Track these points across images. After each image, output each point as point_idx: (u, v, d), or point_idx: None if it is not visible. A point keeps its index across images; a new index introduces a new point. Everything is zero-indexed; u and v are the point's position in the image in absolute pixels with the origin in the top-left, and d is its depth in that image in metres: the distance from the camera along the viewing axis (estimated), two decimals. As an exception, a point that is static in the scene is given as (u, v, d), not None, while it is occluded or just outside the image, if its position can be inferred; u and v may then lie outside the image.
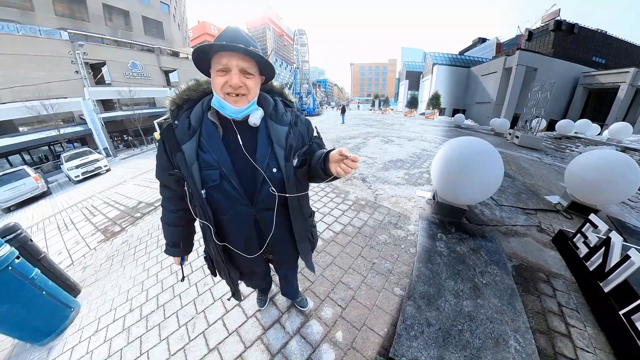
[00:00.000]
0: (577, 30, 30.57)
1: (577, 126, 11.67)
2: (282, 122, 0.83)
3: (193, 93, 0.82)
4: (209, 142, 0.76)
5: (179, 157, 0.75)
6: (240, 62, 0.68)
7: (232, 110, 0.73)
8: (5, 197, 7.40)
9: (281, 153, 0.80)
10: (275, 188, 0.81)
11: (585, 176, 2.71)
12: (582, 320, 1.58)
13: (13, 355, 1.73)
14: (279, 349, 1.42)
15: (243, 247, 0.91)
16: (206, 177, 0.77)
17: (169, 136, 0.78)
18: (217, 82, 0.70)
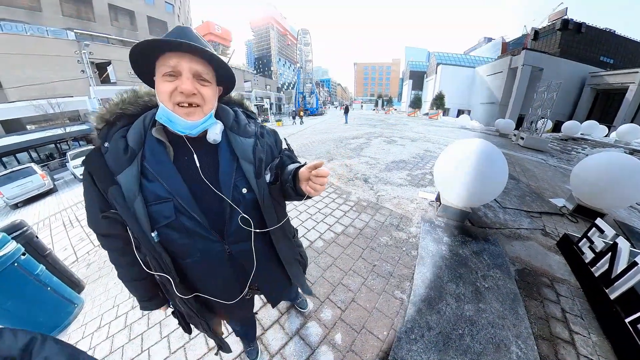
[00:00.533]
0: (584, 30, 30.04)
1: (583, 127, 11.50)
2: (246, 134, 0.71)
3: (130, 107, 0.65)
4: (156, 167, 0.60)
5: (114, 192, 0.57)
6: (193, 64, 0.56)
7: (185, 124, 0.58)
8: (13, 193, 7.55)
9: (250, 169, 0.67)
10: (249, 212, 0.68)
11: (592, 179, 2.67)
12: (586, 327, 1.55)
13: None
14: (277, 350, 1.42)
15: (220, 292, 0.75)
16: (156, 213, 0.59)
17: (97, 165, 0.59)
18: (163, 89, 0.56)
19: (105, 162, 0.58)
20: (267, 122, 21.48)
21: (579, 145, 9.00)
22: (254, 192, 0.68)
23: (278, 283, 0.91)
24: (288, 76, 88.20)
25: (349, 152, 6.32)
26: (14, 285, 1.65)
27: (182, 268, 0.69)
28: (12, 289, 1.64)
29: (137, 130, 0.61)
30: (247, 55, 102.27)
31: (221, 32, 60.25)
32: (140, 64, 0.60)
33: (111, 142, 0.59)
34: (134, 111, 0.66)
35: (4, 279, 1.59)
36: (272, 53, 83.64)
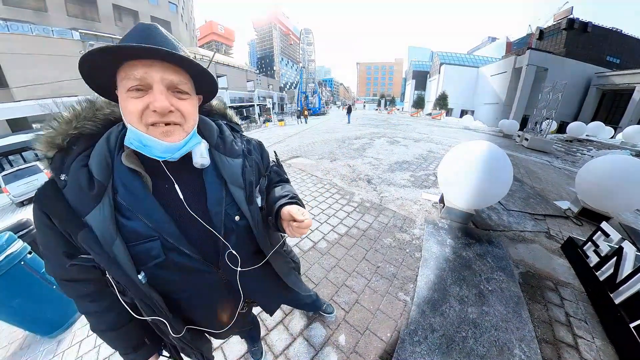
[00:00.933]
0: (590, 29, 29.64)
1: (589, 129, 11.38)
2: (234, 154, 0.63)
3: (87, 124, 0.52)
4: (132, 202, 0.49)
5: (84, 237, 0.47)
6: (166, 74, 0.45)
7: (163, 148, 0.48)
8: (20, 191, 7.67)
9: (240, 194, 0.60)
10: (242, 239, 0.63)
11: (598, 182, 2.65)
12: (590, 331, 1.54)
13: (24, 346, 1.79)
14: (282, 350, 1.44)
15: (215, 319, 0.70)
16: (141, 254, 0.50)
17: (55, 204, 0.47)
18: (131, 108, 0.44)
19: (65, 200, 0.47)
20: (269, 121, 21.53)
21: (584, 147, 8.90)
22: (246, 219, 0.62)
23: (275, 294, 0.87)
24: (290, 76, 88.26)
25: (352, 152, 6.32)
26: (21, 283, 1.67)
27: (174, 303, 0.60)
28: (18, 287, 1.66)
29: (101, 157, 0.49)
30: (249, 55, 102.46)
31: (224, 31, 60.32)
32: (96, 76, 0.47)
33: (70, 175, 0.47)
34: (93, 129, 0.53)
35: (10, 278, 1.61)
36: (274, 52, 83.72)
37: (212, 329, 0.71)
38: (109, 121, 0.56)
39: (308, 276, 1.97)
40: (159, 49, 0.42)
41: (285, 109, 39.07)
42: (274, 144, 8.15)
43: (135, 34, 0.46)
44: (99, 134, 0.52)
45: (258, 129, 18.03)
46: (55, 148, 0.49)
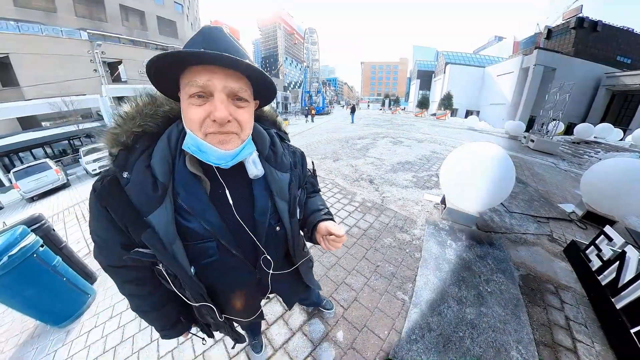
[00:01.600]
0: (600, 28, 28.99)
1: (597, 130, 11.16)
2: (283, 168, 0.65)
3: (149, 121, 0.53)
4: (192, 204, 0.52)
5: (148, 237, 0.49)
6: (228, 82, 0.45)
7: (218, 155, 0.49)
8: (30, 187, 7.87)
9: (284, 207, 0.64)
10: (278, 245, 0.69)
11: (603, 185, 2.61)
12: (590, 335, 1.53)
13: (35, 335, 1.87)
14: (281, 344, 1.47)
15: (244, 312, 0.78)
16: (197, 253, 0.55)
17: (118, 202, 0.49)
18: (192, 116, 0.45)
19: (127, 198, 0.48)
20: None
21: (592, 149, 8.74)
22: (285, 229, 0.67)
23: (295, 290, 0.97)
24: (295, 75, 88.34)
25: (354, 152, 6.33)
26: (33, 275, 1.75)
27: (213, 294, 0.67)
28: (31, 278, 1.74)
29: (163, 159, 0.50)
30: (254, 55, 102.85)
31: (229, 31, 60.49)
32: (162, 79, 0.48)
33: (134, 174, 0.48)
34: (154, 128, 0.54)
35: (24, 269, 1.68)
36: (279, 52, 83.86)
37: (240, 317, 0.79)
38: (168, 118, 0.57)
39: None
40: (223, 56, 0.40)
41: (289, 108, 39.15)
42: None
43: (200, 38, 0.45)
44: (160, 133, 0.54)
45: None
46: (120, 146, 0.50)
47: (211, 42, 0.44)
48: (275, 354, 1.43)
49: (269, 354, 1.43)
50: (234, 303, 0.75)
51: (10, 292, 1.67)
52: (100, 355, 1.58)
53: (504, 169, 2.30)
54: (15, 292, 1.68)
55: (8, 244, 1.64)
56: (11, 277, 1.63)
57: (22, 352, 1.75)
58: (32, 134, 13.27)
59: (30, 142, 13.22)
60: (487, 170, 2.28)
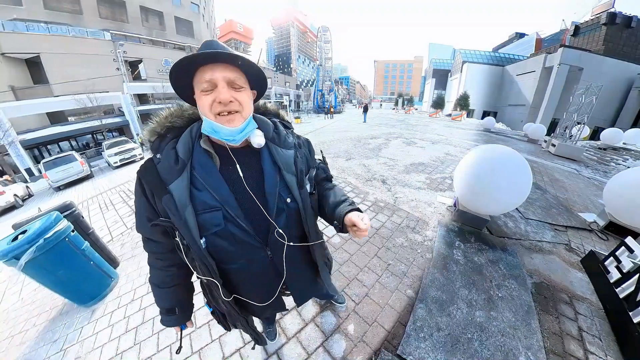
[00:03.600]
0: (635, 24, 27.01)
1: (627, 136, 10.43)
2: (287, 146, 0.75)
3: (177, 120, 0.70)
4: (204, 176, 0.63)
5: (166, 200, 0.60)
6: (225, 72, 0.58)
7: (228, 131, 0.61)
8: (57, 177, 8.42)
9: (292, 180, 0.72)
10: (291, 221, 0.74)
11: (629, 194, 2.49)
12: (603, 348, 1.50)
13: (64, 312, 2.06)
14: (294, 334, 1.55)
15: (257, 295, 0.80)
16: (205, 221, 0.63)
17: (150, 175, 0.63)
18: (203, 103, 0.59)
19: (157, 173, 0.62)
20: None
21: (620, 156, 8.21)
22: (296, 202, 0.73)
23: (308, 285, 0.94)
24: (307, 73, 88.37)
25: (367, 152, 6.33)
26: (65, 257, 1.92)
27: (225, 272, 0.72)
28: (63, 260, 1.91)
29: (185, 142, 0.64)
30: (267, 53, 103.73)
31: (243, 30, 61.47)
32: (180, 85, 0.64)
33: (163, 154, 0.63)
34: (181, 124, 0.70)
35: (57, 251, 1.86)
36: (292, 50, 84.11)
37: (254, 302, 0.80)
38: (192, 119, 0.72)
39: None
40: (219, 52, 0.56)
41: (302, 106, 39.31)
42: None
43: (202, 47, 0.60)
44: (186, 127, 0.69)
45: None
46: (155, 135, 0.67)
47: (209, 47, 0.59)
48: (288, 342, 1.51)
49: (282, 341, 1.51)
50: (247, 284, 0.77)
51: (44, 271, 1.84)
52: (122, 334, 1.71)
53: (519, 173, 2.26)
54: (48, 271, 1.85)
55: (44, 228, 1.81)
56: (46, 258, 1.79)
57: (52, 326, 1.93)
58: (60, 128, 14.13)
59: (58, 135, 14.08)
60: (501, 174, 2.25)
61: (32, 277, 1.84)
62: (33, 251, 1.69)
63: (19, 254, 1.67)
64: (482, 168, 2.36)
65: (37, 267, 1.78)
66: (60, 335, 1.82)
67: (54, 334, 1.85)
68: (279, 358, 1.43)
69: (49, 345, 1.75)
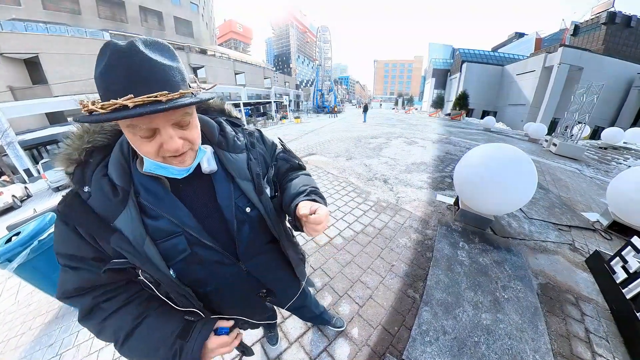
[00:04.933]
0: (634, 24, 27.09)
1: (627, 135, 10.44)
2: (237, 149, 0.66)
3: (98, 137, 0.54)
4: (155, 202, 0.53)
5: (117, 240, 0.49)
6: (170, 117, 0.45)
7: (179, 171, 0.52)
8: (56, 178, 8.38)
9: (249, 187, 0.63)
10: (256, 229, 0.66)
11: (633, 193, 2.48)
12: (611, 350, 1.48)
13: (60, 315, 2.01)
14: (296, 338, 1.52)
15: (241, 309, 0.74)
16: (168, 250, 0.54)
17: (82, 215, 0.49)
18: (146, 150, 0.46)
19: (91, 210, 0.49)
20: (285, 118, 21.78)
21: (621, 155, 8.21)
22: (257, 209, 0.65)
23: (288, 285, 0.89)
24: (307, 73, 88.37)
25: (368, 151, 6.31)
26: None
27: (202, 296, 0.63)
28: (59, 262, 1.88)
29: (119, 165, 0.52)
30: (266, 53, 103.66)
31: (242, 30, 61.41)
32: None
33: (93, 185, 0.50)
34: (104, 141, 0.55)
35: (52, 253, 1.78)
36: (291, 50, 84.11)
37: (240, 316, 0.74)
38: (117, 132, 0.56)
39: (324, 270, 2.05)
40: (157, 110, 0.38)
41: (301, 106, 39.28)
42: (290, 142, 8.29)
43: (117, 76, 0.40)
44: (111, 145, 0.55)
45: (274, 125, 18.33)
46: (74, 163, 0.52)
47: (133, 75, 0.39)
48: (291, 347, 1.48)
49: (283, 347, 1.48)
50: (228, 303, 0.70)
51: (39, 274, 1.79)
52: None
53: (524, 173, 2.24)
54: (43, 274, 1.80)
55: (39, 230, 1.77)
56: (41, 260, 1.75)
57: (48, 330, 1.88)
58: (59, 128, 14.06)
59: (57, 135, 14.03)
60: (505, 174, 2.23)
61: (27, 280, 1.79)
62: (27, 253, 1.65)
63: (12, 257, 1.62)
64: (487, 167, 2.33)
65: (32, 269, 1.73)
66: (56, 339, 1.78)
67: (49, 338, 1.81)
68: (280, 363, 1.39)
69: (45, 349, 1.71)
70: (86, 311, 0.54)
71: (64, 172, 0.52)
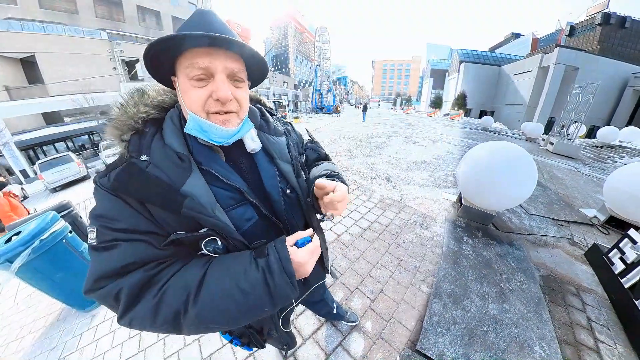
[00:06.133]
0: (629, 24, 27.49)
1: (622, 134, 10.63)
2: (277, 133, 0.68)
3: (151, 110, 0.53)
4: (219, 170, 0.52)
5: (191, 204, 0.46)
6: (228, 62, 0.47)
7: (221, 133, 0.50)
8: (54, 178, 8.28)
9: (289, 169, 0.64)
10: (294, 211, 0.66)
11: (628, 189, 2.57)
12: (612, 337, 1.55)
13: (61, 318, 1.94)
14: (310, 334, 1.54)
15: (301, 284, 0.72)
16: (235, 218, 0.52)
17: (142, 184, 0.45)
18: (194, 98, 0.46)
19: (155, 177, 0.46)
20: (284, 118, 21.79)
21: (616, 154, 8.37)
22: (296, 191, 0.65)
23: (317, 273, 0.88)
24: (305, 74, 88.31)
25: (369, 150, 6.38)
26: (62, 259, 1.79)
27: None
28: (60, 262, 1.77)
29: (175, 135, 0.51)
30: (265, 53, 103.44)
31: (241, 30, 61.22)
32: (157, 63, 0.49)
33: (155, 154, 0.48)
34: (155, 114, 0.54)
35: (54, 253, 1.74)
36: (289, 50, 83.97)
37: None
38: (162, 108, 0.56)
39: (334, 266, 2.09)
40: (225, 38, 0.43)
41: (300, 106, 39.28)
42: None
43: (194, 21, 0.46)
44: (161, 119, 0.54)
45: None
46: (131, 130, 0.49)
47: (207, 24, 0.46)
48: (305, 343, 1.47)
49: (298, 343, 1.46)
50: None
51: (40, 275, 1.72)
52: (125, 341, 1.61)
53: (524, 169, 2.30)
54: (45, 275, 1.73)
55: (40, 229, 1.69)
56: (42, 261, 1.68)
57: (49, 333, 1.81)
58: (56, 129, 13.94)
59: (54, 136, 13.89)
60: (506, 170, 2.29)
61: (28, 281, 1.72)
62: (28, 253, 1.57)
63: (13, 257, 1.55)
64: (490, 164, 2.39)
65: (33, 270, 1.67)
66: (58, 342, 1.72)
67: (51, 341, 1.75)
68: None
69: (47, 353, 1.65)
70: (136, 291, 0.43)
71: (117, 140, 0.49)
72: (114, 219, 0.45)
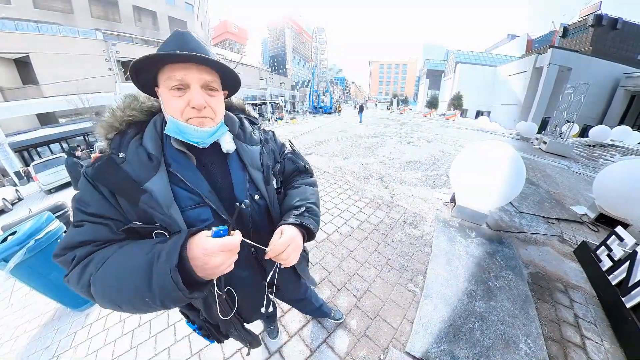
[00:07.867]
0: (620, 26, 27.88)
1: (614, 133, 10.78)
2: (252, 142, 0.74)
3: (136, 113, 0.63)
4: (184, 173, 0.58)
5: (147, 199, 0.53)
6: (202, 75, 0.54)
7: (198, 134, 0.56)
8: (48, 180, 8.23)
9: (259, 176, 0.70)
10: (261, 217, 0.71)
11: (617, 187, 2.59)
12: (599, 334, 1.55)
13: (56, 317, 1.97)
14: (296, 331, 1.54)
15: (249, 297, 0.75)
16: (191, 218, 0.57)
17: (114, 177, 0.54)
18: (174, 106, 0.54)
19: (124, 173, 0.54)
20: (281, 119, 21.76)
21: (608, 152, 8.47)
22: (264, 198, 0.71)
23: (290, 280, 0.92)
24: (302, 74, 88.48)
25: (363, 151, 6.38)
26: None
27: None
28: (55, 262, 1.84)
29: (153, 138, 0.59)
30: (262, 53, 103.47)
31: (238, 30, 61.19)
32: (142, 77, 0.57)
33: (129, 152, 0.56)
34: (141, 118, 0.64)
35: (49, 253, 1.73)
36: (287, 51, 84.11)
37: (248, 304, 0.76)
38: (151, 112, 0.66)
39: (322, 264, 2.09)
40: (197, 56, 0.51)
41: (297, 107, 39.29)
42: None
43: (173, 40, 0.56)
44: (146, 122, 0.63)
45: (270, 126, 18.31)
46: (114, 131, 0.60)
47: (183, 43, 0.55)
48: (291, 339, 1.50)
49: (284, 339, 1.50)
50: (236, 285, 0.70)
51: (35, 274, 1.76)
52: (118, 338, 1.65)
53: (513, 166, 2.33)
54: (40, 274, 1.77)
55: (35, 229, 1.75)
56: (37, 260, 1.71)
57: (44, 333, 1.84)
58: (50, 130, 13.79)
59: (49, 137, 13.72)
60: (496, 167, 2.32)
61: (23, 280, 1.75)
62: (23, 253, 1.61)
63: (8, 256, 1.59)
64: (477, 163, 2.42)
65: (28, 269, 1.70)
66: (52, 341, 1.75)
67: (46, 340, 1.77)
68: (281, 356, 1.41)
69: (41, 352, 1.67)
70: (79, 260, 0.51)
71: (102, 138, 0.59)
72: (87, 204, 0.54)
